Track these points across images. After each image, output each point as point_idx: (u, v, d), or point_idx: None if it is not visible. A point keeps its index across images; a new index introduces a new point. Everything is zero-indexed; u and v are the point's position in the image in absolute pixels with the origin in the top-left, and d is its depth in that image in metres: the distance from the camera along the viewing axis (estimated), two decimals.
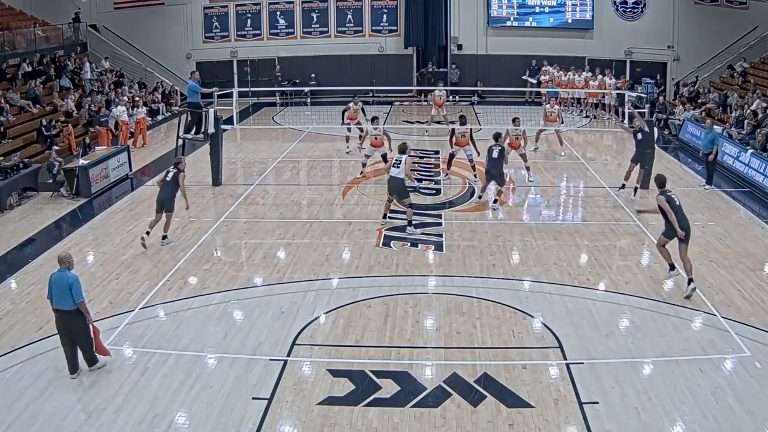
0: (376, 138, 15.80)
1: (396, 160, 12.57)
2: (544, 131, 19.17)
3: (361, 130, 17.65)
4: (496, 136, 14.17)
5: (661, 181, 10.39)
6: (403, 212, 12.76)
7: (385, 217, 13.04)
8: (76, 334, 7.62)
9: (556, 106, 19.10)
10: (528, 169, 15.92)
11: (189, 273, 10.76)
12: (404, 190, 12.62)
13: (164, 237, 11.97)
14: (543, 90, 25.41)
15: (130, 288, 10.20)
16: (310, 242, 12.09)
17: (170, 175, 11.97)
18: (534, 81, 26.33)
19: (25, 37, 22.64)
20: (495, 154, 13.73)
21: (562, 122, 19.35)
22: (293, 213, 13.87)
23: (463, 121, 15.71)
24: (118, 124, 20.26)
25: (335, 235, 12.46)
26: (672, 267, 10.28)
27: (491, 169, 13.78)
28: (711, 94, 22.02)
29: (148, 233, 11.77)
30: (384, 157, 15.63)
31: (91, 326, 7.68)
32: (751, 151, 16.13)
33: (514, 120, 15.74)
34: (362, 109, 18.52)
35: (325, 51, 28.47)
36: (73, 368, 7.70)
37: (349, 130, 18.55)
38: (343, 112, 18.50)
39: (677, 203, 10.09)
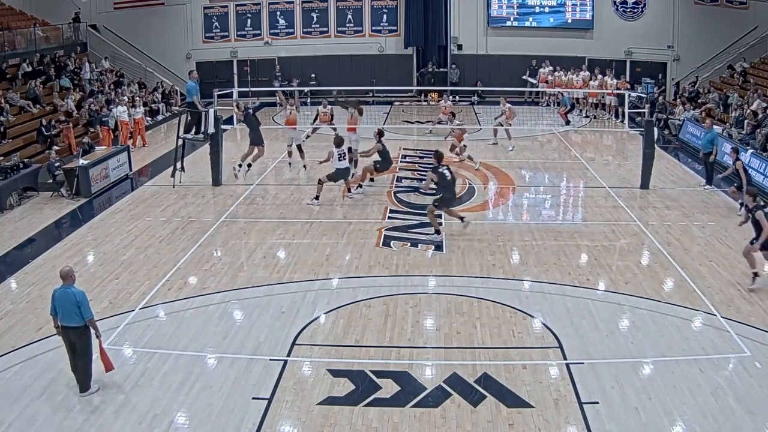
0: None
1: (340, 153, 13.90)
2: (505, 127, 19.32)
3: (335, 130, 17.74)
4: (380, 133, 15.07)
5: (438, 157, 12.12)
6: (403, 212, 12.99)
7: (317, 198, 14.08)
8: (80, 353, 7.40)
9: (508, 104, 19.18)
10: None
11: (189, 273, 10.76)
12: (348, 175, 14.41)
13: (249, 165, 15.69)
14: (549, 90, 25.41)
15: (130, 288, 10.19)
16: (310, 242, 12.09)
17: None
18: (534, 81, 26.32)
19: (25, 37, 22.63)
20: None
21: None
22: (293, 213, 13.86)
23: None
24: (117, 124, 20.26)
25: (335, 235, 12.46)
26: (439, 226, 12.23)
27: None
28: (711, 94, 22.02)
29: (249, 165, 15.61)
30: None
31: (99, 342, 7.48)
32: (751, 151, 16.12)
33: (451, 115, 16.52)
34: (331, 112, 18.87)
35: (325, 51, 28.48)
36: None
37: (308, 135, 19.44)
38: (316, 116, 19.06)
39: (449, 178, 11.80)
